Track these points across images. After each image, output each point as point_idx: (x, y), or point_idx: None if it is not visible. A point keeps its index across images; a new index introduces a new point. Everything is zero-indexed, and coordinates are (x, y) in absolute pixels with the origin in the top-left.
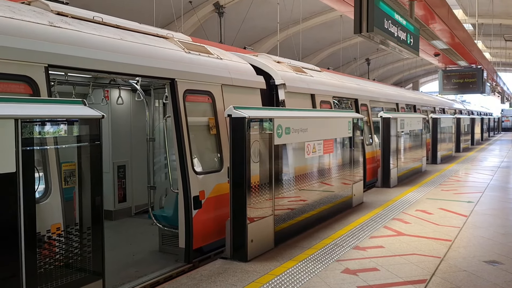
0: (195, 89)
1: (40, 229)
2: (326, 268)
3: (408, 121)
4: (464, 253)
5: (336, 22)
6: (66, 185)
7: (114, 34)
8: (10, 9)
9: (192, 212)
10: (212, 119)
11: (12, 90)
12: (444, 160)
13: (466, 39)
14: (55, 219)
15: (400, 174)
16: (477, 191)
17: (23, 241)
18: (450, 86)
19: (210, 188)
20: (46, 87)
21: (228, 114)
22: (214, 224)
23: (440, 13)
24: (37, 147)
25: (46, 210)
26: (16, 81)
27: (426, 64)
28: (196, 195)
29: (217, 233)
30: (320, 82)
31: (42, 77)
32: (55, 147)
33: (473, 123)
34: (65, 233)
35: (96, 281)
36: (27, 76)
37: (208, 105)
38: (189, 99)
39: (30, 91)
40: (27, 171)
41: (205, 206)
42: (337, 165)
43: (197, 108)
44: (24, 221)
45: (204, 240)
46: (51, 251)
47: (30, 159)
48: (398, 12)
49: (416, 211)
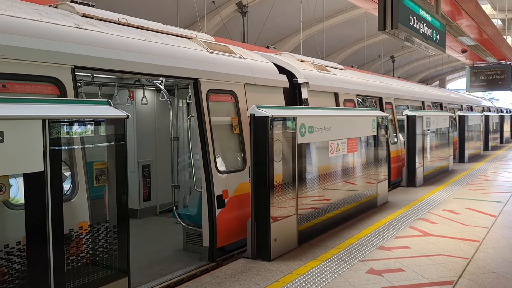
0: (218, 89)
1: (67, 227)
2: (350, 268)
3: (434, 119)
4: (493, 254)
5: (359, 19)
6: (98, 183)
7: (139, 35)
8: (38, 12)
9: (216, 211)
10: (235, 118)
11: (39, 91)
12: (472, 159)
13: (495, 34)
14: (81, 218)
15: (426, 173)
16: (506, 190)
17: (51, 238)
18: (478, 83)
19: (234, 187)
20: (72, 88)
21: (251, 113)
22: (237, 223)
23: (467, 9)
24: (64, 147)
25: (73, 208)
26: (44, 83)
27: (453, 61)
28: (219, 194)
29: (241, 232)
30: (343, 80)
31: (69, 78)
32: (82, 147)
33: (502, 120)
34: (92, 231)
35: (122, 278)
36: (54, 77)
37: (231, 105)
38: (212, 98)
39: (58, 92)
40: (55, 170)
41: (228, 205)
42: (361, 164)
43: (220, 108)
44: (52, 219)
45: (228, 239)
46: (78, 249)
47: (57, 158)
48: (423, 8)
49: (442, 211)
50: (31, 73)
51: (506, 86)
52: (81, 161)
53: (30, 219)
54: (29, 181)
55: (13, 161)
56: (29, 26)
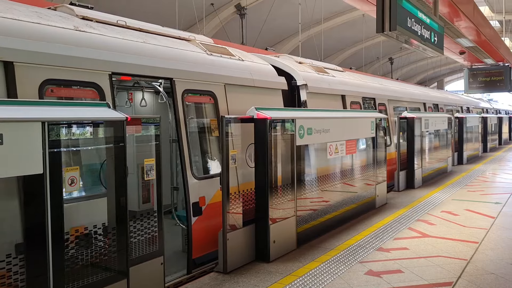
0: (195, 89)
1: (67, 229)
2: (349, 270)
3: (432, 121)
4: (491, 256)
5: (358, 21)
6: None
7: (138, 38)
8: (37, 14)
9: (192, 219)
10: (214, 120)
11: (82, 95)
12: (470, 160)
13: (493, 36)
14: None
15: (425, 175)
16: (505, 192)
17: (50, 241)
18: (477, 84)
19: (212, 194)
20: (110, 92)
21: (250, 114)
22: (216, 232)
23: (465, 10)
24: (64, 149)
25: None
26: (86, 87)
27: (451, 62)
28: (195, 201)
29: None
30: (343, 82)
31: (107, 84)
32: (81, 149)
33: (500, 122)
34: (92, 233)
35: (121, 280)
36: (94, 82)
37: (210, 106)
38: (189, 99)
39: (97, 96)
40: (54, 172)
41: (205, 213)
42: (360, 166)
43: (198, 109)
44: (52, 221)
45: (204, 249)
46: (77, 251)
47: (56, 160)
48: (421, 10)
49: (441, 212)
50: (75, 79)
51: (504, 87)
52: (81, 163)
53: (29, 222)
54: (28, 184)
55: (12, 163)
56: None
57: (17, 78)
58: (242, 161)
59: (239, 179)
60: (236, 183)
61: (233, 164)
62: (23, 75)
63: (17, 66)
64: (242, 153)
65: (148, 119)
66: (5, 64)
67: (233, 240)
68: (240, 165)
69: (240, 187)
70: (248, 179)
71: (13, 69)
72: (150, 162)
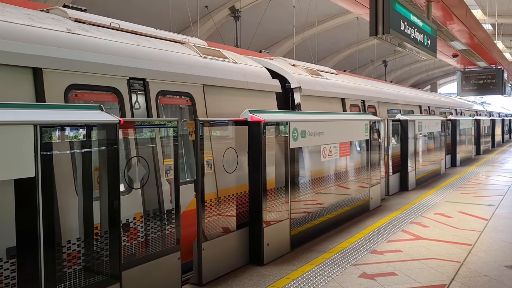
0: (170, 90)
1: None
2: (343, 273)
3: (425, 123)
4: (484, 258)
5: (352, 24)
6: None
7: (131, 40)
8: (29, 16)
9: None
10: (192, 123)
11: (103, 99)
12: (463, 162)
13: (486, 39)
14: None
15: (419, 177)
16: (498, 194)
17: (42, 246)
18: (470, 87)
19: (188, 200)
20: (128, 96)
21: (244, 117)
22: (191, 241)
23: (458, 14)
24: (56, 152)
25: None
26: (107, 92)
27: (444, 65)
28: (169, 209)
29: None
30: (337, 85)
31: (125, 88)
32: (74, 152)
33: (493, 124)
34: (84, 238)
35: (114, 284)
36: (114, 87)
37: (187, 108)
38: (163, 101)
39: (117, 99)
40: (46, 176)
41: (181, 221)
42: (353, 168)
43: (173, 111)
44: (44, 225)
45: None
46: (69, 255)
47: (48, 164)
48: (414, 13)
49: (435, 215)
50: (97, 84)
51: (497, 90)
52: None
53: (21, 226)
54: (20, 187)
55: (4, 166)
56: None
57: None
58: (220, 166)
59: (218, 184)
60: (214, 189)
61: (208, 170)
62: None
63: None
64: (220, 157)
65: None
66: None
67: (210, 250)
68: (219, 170)
69: (219, 193)
70: (228, 185)
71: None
72: (169, 162)
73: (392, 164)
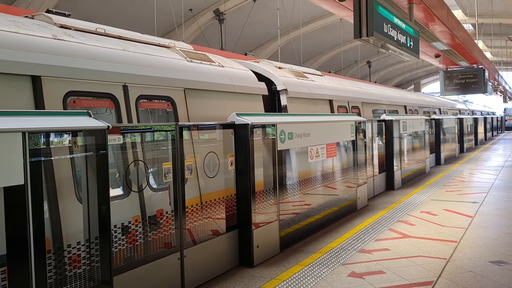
0: (151, 95)
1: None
2: (332, 272)
3: (410, 123)
4: (470, 254)
5: (336, 25)
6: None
7: (117, 45)
8: (15, 23)
9: None
10: None
11: (100, 105)
12: (448, 160)
13: (466, 39)
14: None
15: (404, 176)
16: (481, 191)
17: (32, 253)
18: (452, 86)
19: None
20: (124, 102)
21: (231, 120)
22: None
23: (439, 15)
24: (44, 159)
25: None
26: (103, 98)
27: (427, 65)
28: (152, 215)
29: None
30: (322, 86)
31: (121, 94)
32: (63, 158)
33: (476, 123)
34: (74, 243)
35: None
36: (110, 93)
37: (169, 113)
38: (144, 105)
39: (113, 105)
40: (35, 183)
41: None
42: (340, 169)
43: (154, 116)
44: (34, 232)
45: None
46: (59, 262)
47: (37, 171)
48: (397, 15)
49: (420, 213)
50: (93, 90)
51: (479, 89)
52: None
53: (11, 234)
54: (9, 195)
55: None
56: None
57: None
58: (201, 170)
59: (201, 189)
60: (197, 194)
61: (189, 175)
62: None
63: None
64: (201, 162)
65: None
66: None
67: (193, 257)
68: (202, 175)
69: (202, 198)
70: (209, 189)
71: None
72: (167, 166)
73: (378, 163)
